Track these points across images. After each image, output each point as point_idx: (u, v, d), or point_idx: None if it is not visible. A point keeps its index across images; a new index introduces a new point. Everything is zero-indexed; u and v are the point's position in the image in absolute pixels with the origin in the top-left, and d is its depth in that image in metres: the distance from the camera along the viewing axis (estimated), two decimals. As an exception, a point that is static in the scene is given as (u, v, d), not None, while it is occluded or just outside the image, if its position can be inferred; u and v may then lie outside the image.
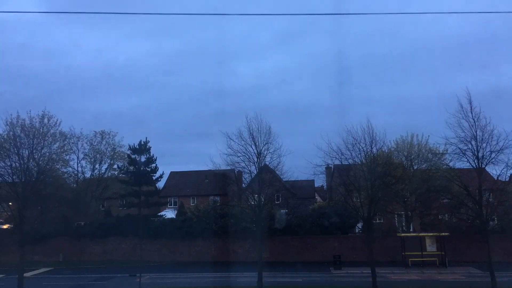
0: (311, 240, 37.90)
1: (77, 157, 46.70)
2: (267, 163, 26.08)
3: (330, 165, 31.91)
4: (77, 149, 46.07)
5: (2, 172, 26.12)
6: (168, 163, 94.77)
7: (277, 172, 27.08)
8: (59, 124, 39.05)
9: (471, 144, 22.23)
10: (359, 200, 25.28)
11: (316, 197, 55.53)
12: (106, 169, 48.41)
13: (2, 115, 29.20)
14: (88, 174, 48.04)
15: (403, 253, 33.04)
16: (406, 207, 37.73)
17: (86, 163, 47.72)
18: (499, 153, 22.08)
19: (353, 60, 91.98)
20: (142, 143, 39.75)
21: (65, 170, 45.30)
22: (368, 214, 24.20)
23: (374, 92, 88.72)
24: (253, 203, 26.07)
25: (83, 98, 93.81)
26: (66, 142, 42.86)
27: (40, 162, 27.63)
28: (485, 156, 22.27)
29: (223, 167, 27.79)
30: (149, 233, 37.81)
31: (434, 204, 36.36)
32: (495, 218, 31.99)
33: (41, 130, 32.65)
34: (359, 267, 30.86)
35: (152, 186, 44.74)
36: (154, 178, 41.74)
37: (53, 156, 34.53)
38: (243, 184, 28.19)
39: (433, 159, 36.77)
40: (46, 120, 37.25)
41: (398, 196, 34.06)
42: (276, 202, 37.34)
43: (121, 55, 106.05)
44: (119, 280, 30.21)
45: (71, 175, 47.39)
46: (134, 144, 39.82)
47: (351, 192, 25.55)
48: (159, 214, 44.12)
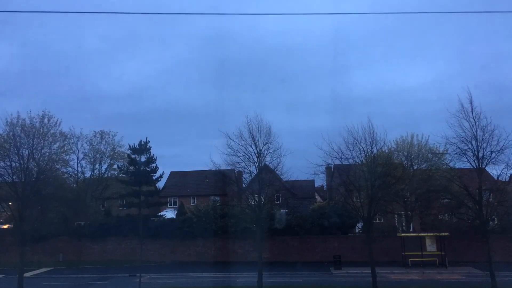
0: (311, 240, 37.91)
1: (77, 157, 46.86)
2: (267, 163, 26.05)
3: (330, 165, 31.89)
4: (77, 149, 46.25)
5: (2, 172, 26.12)
6: (168, 163, 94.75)
7: (277, 172, 27.04)
8: (59, 124, 39.34)
9: (472, 144, 22.26)
10: (359, 200, 25.25)
11: (316, 197, 55.50)
12: (106, 169, 48.52)
13: (2, 115, 29.23)
14: (88, 174, 48.16)
15: (403, 253, 33.03)
16: (406, 207, 37.76)
17: (86, 163, 47.87)
18: (499, 153, 22.16)
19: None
20: (142, 143, 39.71)
21: (65, 170, 45.50)
22: (368, 214, 24.18)
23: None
24: (253, 203, 26.04)
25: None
26: (66, 142, 43.08)
27: (40, 162, 27.66)
28: (485, 156, 22.31)
29: (223, 167, 27.81)
30: (149, 233, 37.81)
31: (434, 204, 36.41)
32: (495, 218, 32.00)
33: (41, 130, 32.78)
34: (359, 267, 30.88)
35: (152, 186, 44.70)
36: (154, 178, 41.67)
37: (53, 156, 34.64)
38: (243, 184, 28.15)
39: (433, 159, 36.83)
40: (46, 120, 37.51)
41: (398, 196, 34.06)
42: (276, 202, 37.32)
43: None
44: (119, 280, 30.20)
45: (71, 175, 47.50)
46: (134, 144, 39.76)
47: (351, 192, 25.52)
48: (159, 214, 44.15)
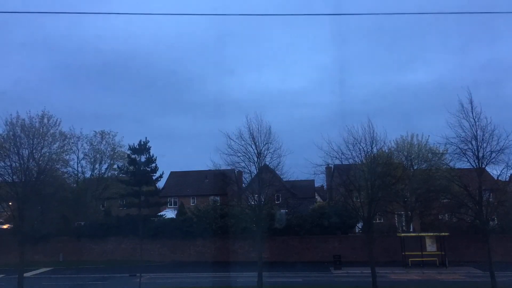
0: (311, 240, 37.91)
1: (77, 157, 46.85)
2: (267, 163, 26.01)
3: (330, 165, 31.86)
4: (77, 149, 46.23)
5: (2, 172, 26.09)
6: (168, 163, 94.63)
7: (277, 172, 27.03)
8: (59, 124, 39.36)
9: (472, 144, 22.20)
10: (359, 200, 25.22)
11: (316, 197, 55.50)
12: (106, 169, 48.53)
13: (2, 115, 29.20)
14: (88, 174, 48.16)
15: (403, 253, 33.02)
16: (406, 207, 37.75)
17: (86, 163, 47.87)
18: (500, 153, 22.09)
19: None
20: (142, 143, 39.69)
21: (65, 170, 45.48)
22: (368, 214, 24.15)
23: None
24: (253, 203, 26.02)
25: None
26: (66, 142, 43.06)
27: (40, 162, 27.60)
28: (486, 156, 22.26)
29: (223, 167, 27.79)
30: (149, 233, 37.83)
31: (434, 204, 36.42)
32: (495, 218, 32.00)
33: (41, 130, 32.73)
34: (359, 267, 30.87)
35: (152, 186, 44.70)
36: (154, 178, 41.67)
37: (53, 156, 34.64)
38: (243, 184, 28.14)
39: (433, 159, 36.80)
40: (46, 120, 37.54)
41: (398, 196, 34.07)
42: (276, 202, 37.30)
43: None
44: (119, 280, 30.19)
45: (71, 175, 47.49)
46: (134, 144, 39.73)
47: (351, 192, 25.49)
48: (159, 214, 44.13)
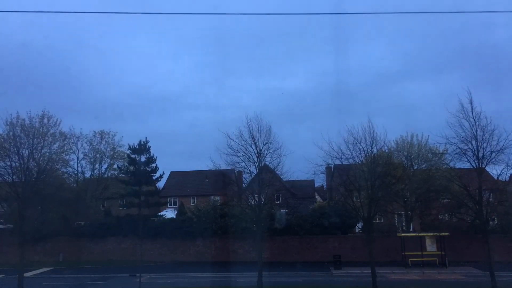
0: (311, 240, 37.91)
1: (77, 157, 46.85)
2: (267, 163, 26.00)
3: (330, 165, 31.85)
4: (77, 149, 46.24)
5: (2, 172, 26.05)
6: (168, 163, 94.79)
7: (277, 172, 27.01)
8: (59, 124, 39.25)
9: (472, 144, 22.17)
10: (359, 200, 25.22)
11: (316, 197, 55.51)
12: (106, 169, 48.52)
13: (2, 115, 29.14)
14: (88, 174, 48.16)
15: (403, 253, 33.05)
16: (406, 207, 37.75)
17: (86, 163, 47.87)
18: (500, 153, 22.04)
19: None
20: (142, 143, 39.68)
21: (65, 170, 45.47)
22: (368, 214, 24.15)
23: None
24: (253, 203, 26.01)
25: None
26: (66, 142, 43.03)
27: (40, 162, 27.58)
28: (486, 156, 22.21)
29: (223, 167, 27.77)
30: (149, 233, 37.82)
31: (434, 204, 36.41)
32: (495, 218, 31.98)
33: (41, 130, 32.67)
34: (359, 267, 30.89)
35: (152, 186, 44.66)
36: (154, 178, 41.61)
37: (53, 156, 34.53)
38: (243, 184, 28.15)
39: (433, 159, 36.79)
40: (46, 120, 37.40)
41: (398, 196, 34.06)
42: (276, 202, 37.33)
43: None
44: (119, 280, 30.19)
45: (71, 175, 47.49)
46: (134, 144, 39.70)
47: (351, 192, 25.47)
48: (159, 214, 44.10)
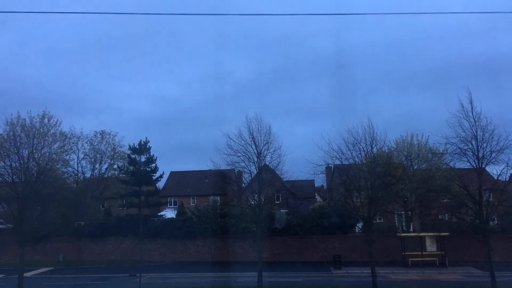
0: (311, 240, 37.89)
1: (77, 157, 46.79)
2: (267, 163, 26.04)
3: (330, 165, 31.85)
4: (77, 149, 46.17)
5: (2, 172, 26.06)
6: (168, 163, 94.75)
7: (277, 172, 27.05)
8: (59, 124, 39.38)
9: (472, 144, 22.15)
10: (359, 200, 25.22)
11: (316, 197, 55.55)
12: (106, 169, 48.46)
13: (2, 115, 29.19)
14: (88, 174, 48.09)
15: (403, 253, 33.04)
16: (406, 207, 37.75)
17: (86, 163, 47.79)
18: (500, 153, 22.00)
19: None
20: (142, 143, 39.77)
21: (65, 170, 45.50)
22: (368, 214, 24.15)
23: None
24: (253, 203, 26.03)
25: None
26: (66, 142, 43.05)
27: (40, 162, 27.62)
28: (486, 156, 22.19)
29: (223, 167, 27.78)
30: (149, 233, 37.86)
31: (434, 204, 36.36)
32: (495, 218, 31.96)
33: (41, 130, 32.76)
34: (359, 267, 30.89)
35: (152, 186, 44.75)
36: (154, 178, 41.74)
37: (53, 156, 34.64)
38: (243, 184, 28.17)
39: (433, 159, 36.78)
40: (46, 120, 37.58)
41: (398, 196, 34.02)
42: (276, 202, 37.36)
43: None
44: (119, 280, 30.19)
45: (71, 175, 47.46)
46: (134, 144, 39.85)
47: (351, 192, 25.48)
48: (159, 214, 44.16)
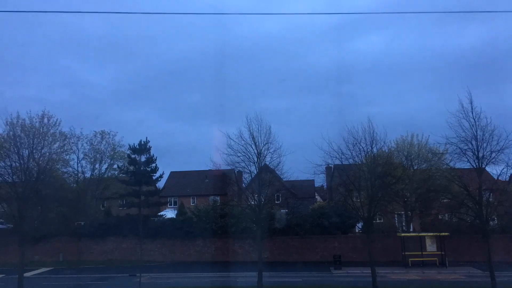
0: (311, 240, 37.87)
1: (77, 157, 46.78)
2: (267, 163, 26.02)
3: (330, 165, 31.88)
4: (77, 149, 46.17)
5: (2, 172, 26.04)
6: (168, 163, 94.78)
7: (277, 172, 27.03)
8: (59, 124, 39.37)
9: (472, 144, 22.13)
10: (359, 200, 25.22)
11: (316, 197, 55.58)
12: (106, 169, 48.48)
13: (2, 115, 29.17)
14: (88, 174, 48.09)
15: (403, 253, 33.02)
16: (406, 207, 37.74)
17: (86, 163, 47.78)
18: (500, 153, 21.99)
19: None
20: (142, 143, 39.78)
21: (65, 170, 45.48)
22: (368, 214, 24.15)
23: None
24: (253, 203, 26.01)
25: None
26: (66, 142, 43.05)
27: (40, 162, 27.57)
28: (486, 156, 22.17)
29: (223, 167, 27.80)
30: (149, 233, 37.85)
31: (434, 204, 36.36)
32: (495, 218, 31.99)
33: (41, 130, 32.76)
34: (359, 267, 30.89)
35: (152, 186, 44.75)
36: (154, 178, 41.74)
37: (53, 156, 34.57)
38: (243, 184, 28.16)
39: (433, 159, 36.78)
40: (46, 120, 37.54)
41: (398, 196, 34.07)
42: (276, 202, 37.33)
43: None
44: (119, 280, 30.18)
45: (71, 175, 47.44)
46: (134, 144, 39.85)
47: (351, 192, 25.49)
48: (159, 214, 44.18)
